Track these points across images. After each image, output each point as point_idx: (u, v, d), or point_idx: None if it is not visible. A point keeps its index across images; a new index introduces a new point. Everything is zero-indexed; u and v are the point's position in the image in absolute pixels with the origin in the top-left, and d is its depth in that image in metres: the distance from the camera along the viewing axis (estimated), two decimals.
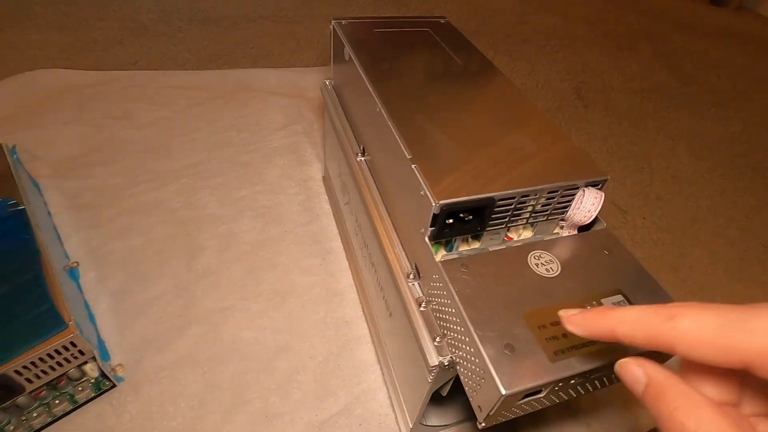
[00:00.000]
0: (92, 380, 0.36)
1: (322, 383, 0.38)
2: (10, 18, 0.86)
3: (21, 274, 0.35)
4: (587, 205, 0.27)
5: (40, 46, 0.79)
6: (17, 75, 0.67)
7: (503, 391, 0.20)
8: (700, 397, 0.14)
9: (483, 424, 0.23)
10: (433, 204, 0.25)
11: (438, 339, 0.26)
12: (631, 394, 0.16)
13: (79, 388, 0.35)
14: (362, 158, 0.39)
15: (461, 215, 0.26)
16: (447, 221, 0.25)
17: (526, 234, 0.30)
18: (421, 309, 0.28)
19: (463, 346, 0.23)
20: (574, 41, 1.07)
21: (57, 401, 0.34)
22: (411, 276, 0.29)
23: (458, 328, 0.24)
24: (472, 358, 0.22)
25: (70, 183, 0.52)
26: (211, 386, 0.37)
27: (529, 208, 0.28)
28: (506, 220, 0.27)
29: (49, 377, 0.33)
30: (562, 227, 0.30)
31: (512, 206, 0.26)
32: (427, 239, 0.26)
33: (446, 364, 0.25)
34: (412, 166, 0.27)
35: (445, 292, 0.25)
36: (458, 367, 0.25)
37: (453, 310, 0.24)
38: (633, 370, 0.16)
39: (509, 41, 1.02)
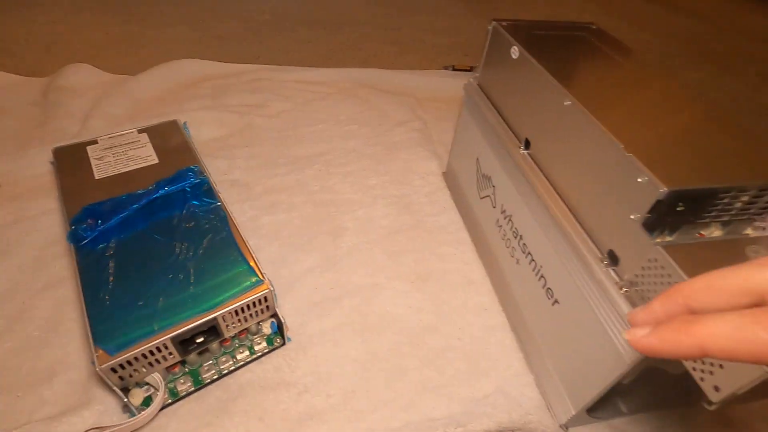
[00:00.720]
0: (266, 336, 0.39)
1: (474, 363, 0.39)
2: (143, 14, 0.95)
3: (215, 234, 0.39)
4: None
5: (174, 40, 0.87)
6: (162, 64, 0.73)
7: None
8: None
9: (714, 406, 0.23)
10: (659, 191, 0.26)
11: None
12: None
13: (258, 341, 0.38)
14: (525, 151, 0.41)
15: (679, 204, 0.27)
16: (670, 208, 0.27)
17: (717, 233, 0.30)
18: (623, 293, 0.29)
19: None
20: (668, 58, 1.05)
21: (240, 351, 0.38)
22: (605, 262, 0.31)
23: None
24: None
25: (218, 162, 0.57)
26: (370, 353, 0.39)
27: (738, 204, 0.28)
28: (713, 213, 0.28)
29: (240, 327, 0.36)
30: (754, 228, 0.30)
31: (727, 200, 0.27)
32: (641, 226, 0.27)
33: None
34: (628, 154, 0.28)
35: (667, 277, 0.26)
36: None
37: None
38: None
39: None
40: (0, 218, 0.47)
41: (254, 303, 0.36)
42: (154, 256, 0.37)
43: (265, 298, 0.36)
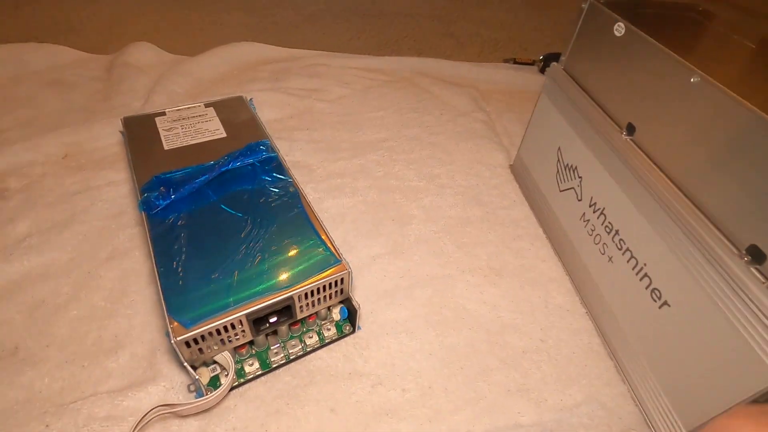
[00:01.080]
0: (335, 323, 0.37)
1: (561, 368, 0.36)
2: (201, 0, 0.95)
3: (287, 210, 0.37)
4: None
5: (230, 25, 0.86)
6: (221, 46, 0.73)
7: None
8: None
9: None
10: None
11: None
12: None
13: (327, 327, 0.36)
14: (628, 137, 0.37)
15: None
16: None
17: None
18: None
19: None
20: None
21: (309, 336, 0.35)
22: (745, 259, 0.27)
23: None
24: None
25: (279, 143, 0.55)
26: (447, 348, 0.36)
27: None
28: None
29: (313, 310, 0.34)
30: None
31: None
32: None
33: None
34: None
35: None
36: None
37: None
38: None
39: None
40: (65, 187, 0.47)
41: (331, 284, 0.33)
42: (226, 230, 0.35)
43: (342, 280, 0.33)
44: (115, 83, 0.62)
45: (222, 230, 0.35)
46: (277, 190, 0.39)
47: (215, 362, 0.32)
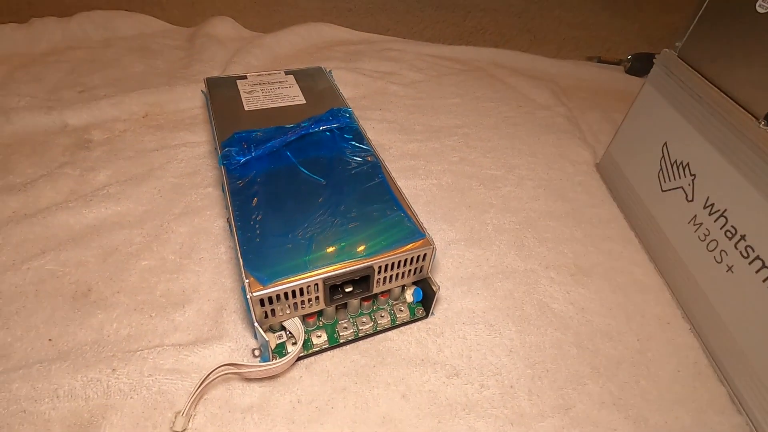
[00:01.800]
0: (408, 305, 0.34)
1: (664, 385, 0.31)
2: None
3: (368, 179, 0.35)
4: None
5: (306, 8, 0.87)
6: (298, 25, 0.73)
7: None
8: None
9: None
10: None
11: None
12: None
13: (400, 308, 0.33)
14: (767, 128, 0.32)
15: None
16: None
17: None
18: None
19: None
20: None
21: (381, 315, 0.32)
22: None
23: None
24: None
25: None
26: (530, 347, 0.32)
27: None
28: None
29: (389, 285, 0.31)
30: None
31: None
32: None
33: None
34: None
35: None
36: None
37: None
38: None
39: None
40: (144, 144, 0.47)
41: (413, 259, 0.30)
42: (304, 192, 0.33)
43: (424, 257, 0.31)
44: (196, 52, 0.63)
45: (300, 192, 0.33)
46: (357, 159, 0.37)
47: (283, 329, 0.30)
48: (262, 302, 0.27)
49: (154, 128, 0.49)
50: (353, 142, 0.39)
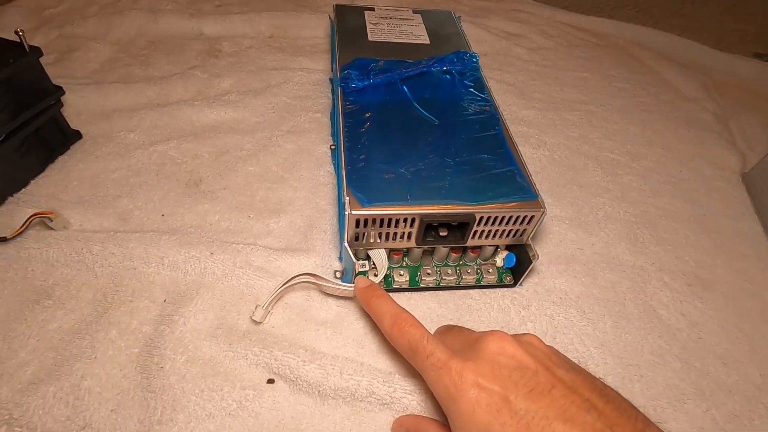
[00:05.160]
0: (497, 268, 0.32)
1: None
2: None
3: (484, 129, 0.33)
4: None
5: None
6: None
7: None
8: None
9: None
10: None
11: None
12: None
13: (489, 270, 0.31)
14: None
15: None
16: None
17: None
18: None
19: None
20: None
21: (467, 271, 0.31)
22: None
23: None
24: None
25: None
26: (625, 347, 0.29)
27: None
28: None
29: (485, 241, 0.29)
30: None
31: None
32: None
33: None
34: None
35: None
36: None
37: None
38: None
39: None
40: (266, 62, 0.49)
41: (518, 218, 0.28)
42: (416, 129, 0.32)
43: (531, 219, 0.28)
44: None
45: (411, 128, 0.32)
46: (475, 106, 0.34)
47: (368, 258, 0.30)
48: (357, 223, 0.27)
49: (277, 49, 0.51)
50: (473, 90, 0.36)
